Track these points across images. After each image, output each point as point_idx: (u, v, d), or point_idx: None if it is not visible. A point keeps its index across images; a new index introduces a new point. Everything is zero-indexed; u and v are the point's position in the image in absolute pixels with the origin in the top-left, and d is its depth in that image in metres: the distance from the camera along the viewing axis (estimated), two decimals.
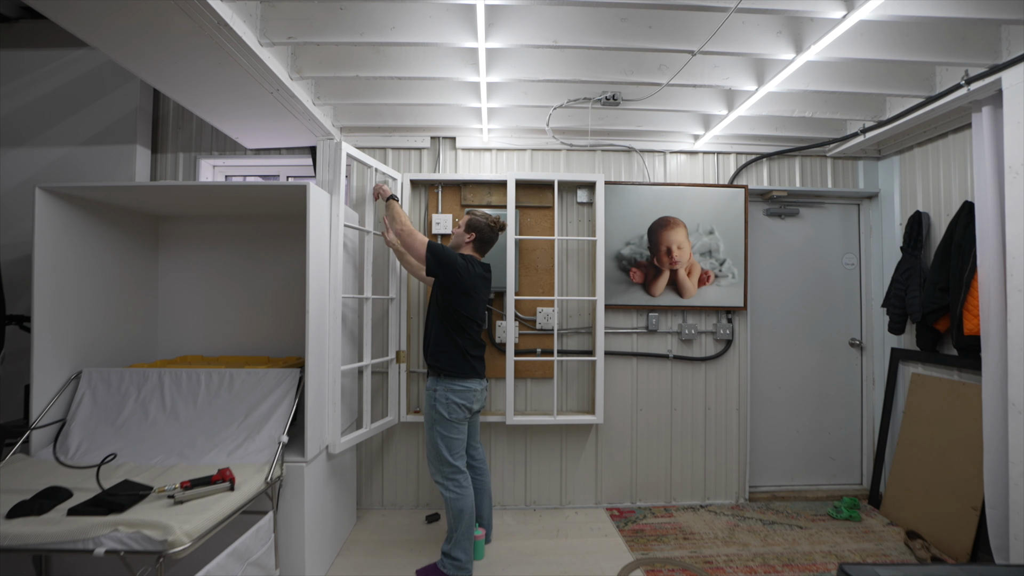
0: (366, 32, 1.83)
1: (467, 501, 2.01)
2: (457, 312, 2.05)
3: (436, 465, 2.04)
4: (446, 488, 2.02)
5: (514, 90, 2.36)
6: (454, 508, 2.00)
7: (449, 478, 2.02)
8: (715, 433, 2.83)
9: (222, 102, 2.16)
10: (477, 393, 2.10)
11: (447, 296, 2.05)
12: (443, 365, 2.04)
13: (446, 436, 2.02)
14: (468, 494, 2.02)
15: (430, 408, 2.05)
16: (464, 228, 2.16)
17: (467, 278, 2.04)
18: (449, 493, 2.01)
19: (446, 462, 2.02)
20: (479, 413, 2.28)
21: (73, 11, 1.49)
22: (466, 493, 2.02)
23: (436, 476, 2.05)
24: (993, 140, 2.00)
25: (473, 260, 2.11)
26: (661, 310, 2.81)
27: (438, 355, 2.06)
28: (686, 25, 1.84)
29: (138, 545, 1.32)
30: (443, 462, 2.02)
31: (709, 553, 2.28)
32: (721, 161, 2.90)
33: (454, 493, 2.01)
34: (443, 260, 2.01)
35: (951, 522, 2.27)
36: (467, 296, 2.05)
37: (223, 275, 2.59)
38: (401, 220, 2.11)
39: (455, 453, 2.03)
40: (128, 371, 2.06)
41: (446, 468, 2.02)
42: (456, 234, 2.19)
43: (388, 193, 2.24)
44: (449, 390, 2.02)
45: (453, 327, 2.06)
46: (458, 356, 2.05)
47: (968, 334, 2.18)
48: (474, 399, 2.08)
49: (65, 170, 2.65)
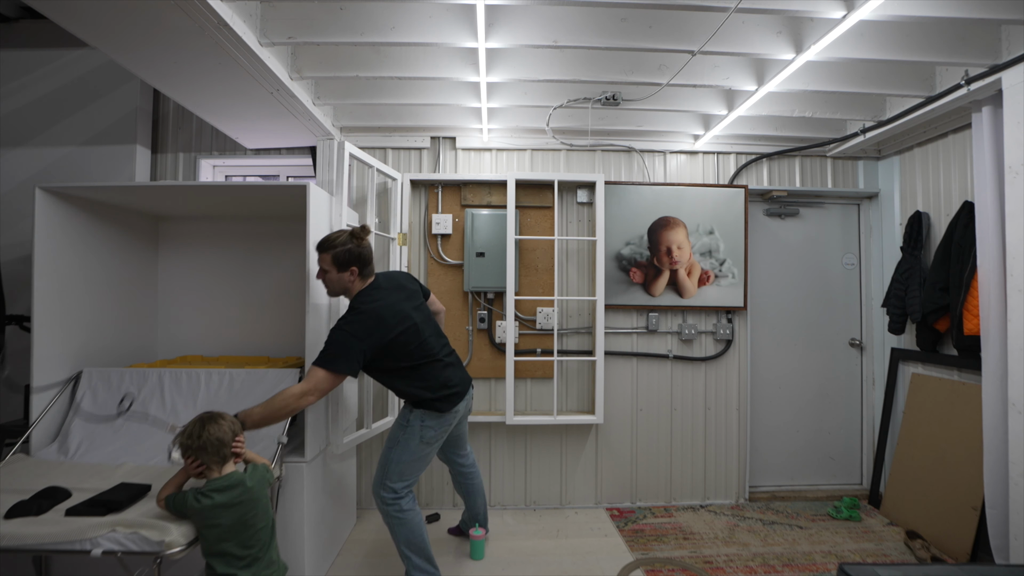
0: (366, 32, 1.83)
1: (412, 524, 1.78)
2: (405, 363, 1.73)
3: (377, 488, 1.81)
4: (386, 514, 1.78)
5: (514, 90, 2.36)
6: (399, 535, 1.77)
7: (389, 503, 1.78)
8: (715, 433, 2.83)
9: (222, 102, 2.16)
10: (459, 413, 1.88)
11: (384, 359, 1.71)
12: (425, 405, 1.79)
13: (402, 462, 1.78)
14: (411, 517, 1.78)
15: (398, 429, 1.82)
16: (336, 268, 1.69)
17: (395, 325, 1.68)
18: (389, 519, 1.78)
19: (388, 487, 1.77)
20: (466, 418, 2.07)
21: (73, 11, 1.49)
22: (409, 517, 1.78)
23: (376, 500, 1.81)
24: (993, 140, 2.00)
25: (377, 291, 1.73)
26: (661, 310, 2.81)
27: (411, 403, 1.83)
28: (686, 25, 1.84)
29: (135, 546, 1.31)
30: (384, 487, 1.78)
31: (709, 553, 2.28)
32: (721, 161, 2.90)
33: (395, 519, 1.77)
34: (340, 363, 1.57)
35: (951, 522, 2.26)
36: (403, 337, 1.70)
37: (223, 275, 2.58)
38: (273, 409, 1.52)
39: (404, 480, 1.79)
40: (128, 371, 2.06)
41: (387, 494, 1.78)
42: (333, 281, 1.72)
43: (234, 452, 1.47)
44: (426, 416, 1.79)
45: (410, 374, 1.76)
46: (434, 390, 1.78)
47: (968, 334, 2.17)
48: (454, 421, 1.87)
49: (65, 170, 2.65)
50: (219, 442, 1.37)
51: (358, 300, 1.72)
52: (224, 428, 1.40)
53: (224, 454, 1.39)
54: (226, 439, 1.39)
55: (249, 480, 1.39)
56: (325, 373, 1.56)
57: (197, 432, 1.37)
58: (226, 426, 1.41)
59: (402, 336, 1.71)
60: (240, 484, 1.37)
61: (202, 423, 1.39)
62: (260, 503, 1.41)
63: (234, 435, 1.42)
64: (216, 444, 1.37)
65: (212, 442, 1.36)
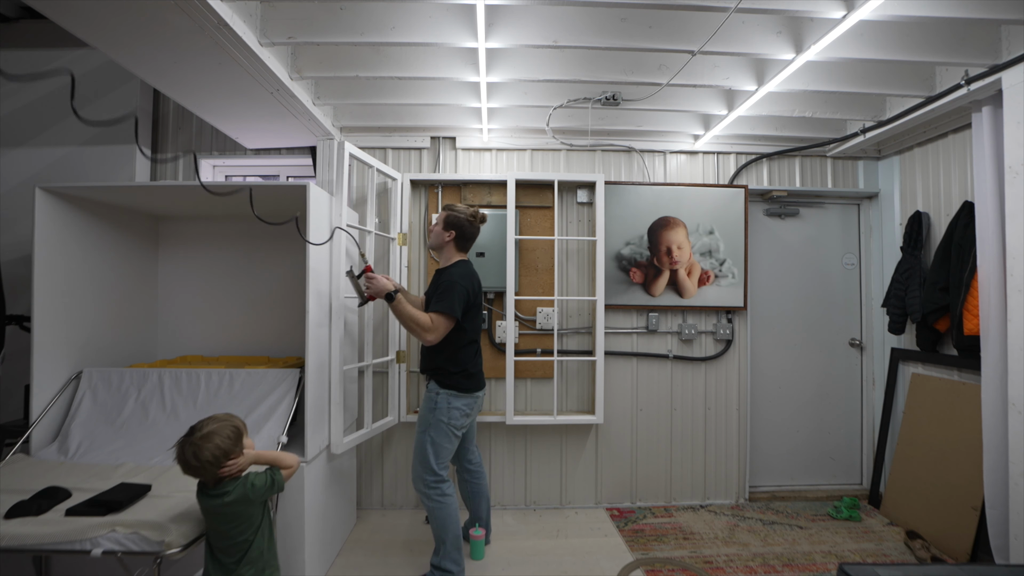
0: (366, 32, 1.83)
1: (451, 510, 1.95)
2: (463, 329, 1.97)
3: (420, 472, 1.96)
4: (428, 498, 1.94)
5: (514, 90, 2.36)
6: (438, 518, 1.94)
7: (432, 487, 1.94)
8: (715, 433, 2.83)
9: (222, 102, 2.16)
10: (480, 401, 2.06)
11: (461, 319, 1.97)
12: (451, 382, 1.96)
13: (438, 443, 1.94)
14: (451, 503, 1.96)
15: (428, 412, 1.97)
16: (443, 226, 2.03)
17: (478, 293, 2.02)
18: (432, 503, 1.94)
19: (431, 470, 1.94)
20: (475, 417, 2.19)
21: (73, 11, 1.49)
22: (449, 502, 1.95)
23: (418, 485, 1.97)
24: (993, 140, 2.00)
25: (466, 272, 2.00)
26: (661, 310, 2.80)
27: (443, 372, 1.97)
28: (686, 25, 1.83)
29: (135, 546, 1.32)
30: (428, 470, 1.94)
31: (709, 553, 2.28)
32: (721, 161, 2.90)
33: (437, 503, 1.94)
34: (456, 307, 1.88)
35: (951, 522, 2.26)
36: (476, 308, 2.01)
37: (223, 275, 2.59)
38: (415, 322, 1.85)
39: (442, 461, 1.96)
40: (128, 371, 2.06)
41: (430, 477, 1.94)
42: (435, 233, 2.07)
43: (387, 290, 1.88)
44: (453, 396, 1.96)
45: (468, 341, 2.00)
46: (464, 372, 1.98)
47: (968, 334, 2.17)
48: (476, 407, 2.04)
49: (65, 170, 2.64)
50: (214, 461, 1.30)
51: (459, 265, 2.02)
52: (211, 448, 1.29)
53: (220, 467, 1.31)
54: (218, 457, 1.30)
55: (229, 496, 1.32)
56: (446, 320, 1.88)
57: (192, 458, 1.29)
58: (214, 444, 1.30)
59: (475, 308, 2.00)
60: (223, 495, 1.32)
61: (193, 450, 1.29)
62: (240, 517, 1.34)
63: (226, 454, 1.31)
64: (212, 463, 1.29)
65: (206, 464, 1.29)
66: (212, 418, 1.36)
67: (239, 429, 1.37)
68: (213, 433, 1.31)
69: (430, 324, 1.86)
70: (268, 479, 1.39)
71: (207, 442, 1.29)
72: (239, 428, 1.38)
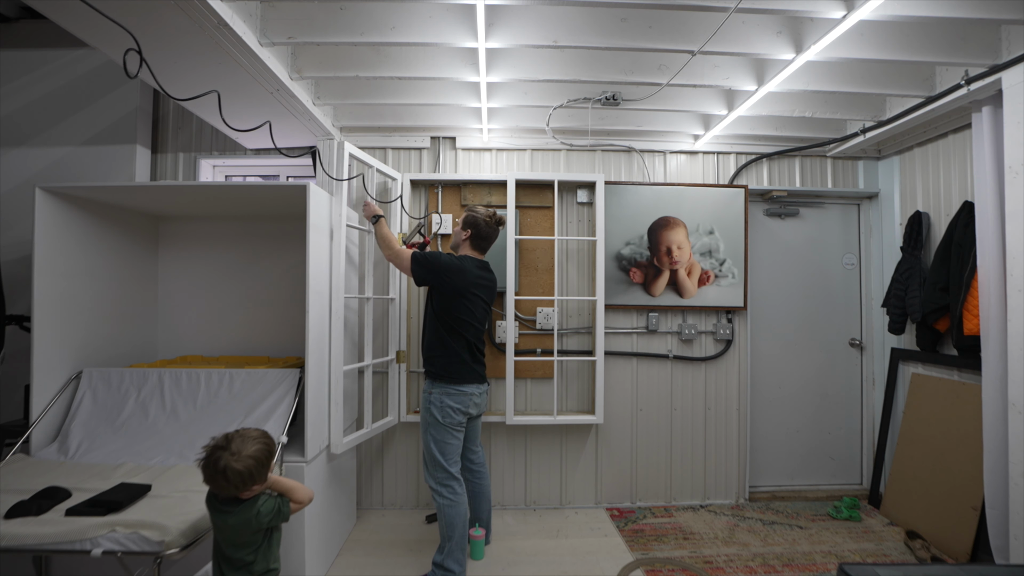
0: (366, 32, 1.83)
1: (460, 509, 1.96)
2: (451, 315, 2.00)
3: (430, 469, 2.00)
4: (439, 495, 1.97)
5: (514, 90, 2.36)
6: (446, 516, 1.95)
7: (443, 484, 1.97)
8: (715, 433, 2.83)
9: (222, 102, 2.16)
10: (475, 397, 2.04)
11: (440, 299, 2.01)
12: (438, 370, 2.00)
13: (439, 440, 1.97)
14: (461, 502, 1.98)
15: (425, 411, 2.01)
16: (461, 225, 2.12)
17: (458, 278, 1.99)
18: (442, 500, 1.96)
19: (439, 466, 1.97)
20: (479, 417, 2.22)
21: (73, 11, 1.48)
22: (459, 501, 1.97)
23: (430, 481, 2.00)
24: (993, 140, 2.00)
25: (468, 259, 2.06)
26: (661, 310, 2.80)
27: (433, 359, 2.02)
28: (686, 25, 1.83)
29: (135, 546, 1.32)
30: (436, 467, 1.97)
31: (709, 553, 2.28)
32: (721, 161, 2.90)
33: (447, 500, 1.96)
34: (429, 265, 1.98)
35: (951, 522, 2.26)
36: (461, 297, 2.00)
37: (223, 275, 2.59)
38: (387, 242, 2.06)
39: (449, 458, 1.98)
40: (128, 371, 2.06)
41: (440, 473, 1.97)
42: (454, 232, 2.16)
43: (372, 213, 2.16)
44: (444, 393, 1.98)
45: (447, 330, 2.00)
46: (454, 360, 2.00)
47: (968, 334, 2.17)
48: (471, 403, 2.03)
49: (65, 170, 2.64)
50: (240, 482, 1.25)
51: (463, 256, 2.10)
52: (246, 465, 1.24)
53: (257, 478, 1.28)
54: (245, 479, 1.24)
55: (232, 517, 1.27)
56: (409, 260, 2.00)
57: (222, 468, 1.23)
58: (249, 465, 1.24)
59: (461, 294, 2.01)
60: (227, 513, 1.28)
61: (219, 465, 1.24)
62: (239, 538, 1.29)
63: (253, 478, 1.26)
64: (239, 483, 1.25)
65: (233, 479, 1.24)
66: (250, 435, 1.30)
67: (272, 453, 1.32)
68: (249, 455, 1.25)
69: (398, 251, 2.04)
70: (275, 507, 1.32)
71: (241, 460, 1.24)
72: (272, 451, 1.32)
